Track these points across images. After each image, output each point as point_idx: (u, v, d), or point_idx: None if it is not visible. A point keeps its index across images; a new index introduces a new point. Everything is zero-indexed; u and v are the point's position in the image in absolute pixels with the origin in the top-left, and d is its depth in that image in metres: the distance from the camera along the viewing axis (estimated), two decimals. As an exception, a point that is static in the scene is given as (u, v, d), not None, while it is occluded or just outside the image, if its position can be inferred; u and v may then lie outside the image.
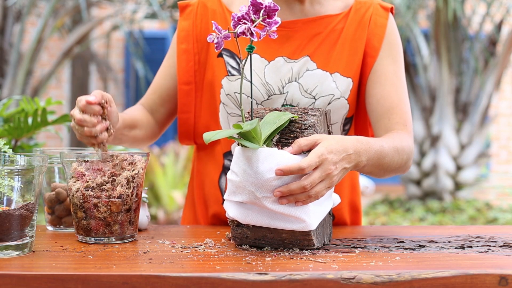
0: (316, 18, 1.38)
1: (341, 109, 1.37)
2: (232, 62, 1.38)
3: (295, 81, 1.35)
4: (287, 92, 1.35)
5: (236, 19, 1.07)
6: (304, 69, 1.35)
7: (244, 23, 1.06)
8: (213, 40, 1.10)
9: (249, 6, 1.07)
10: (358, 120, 1.44)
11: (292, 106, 1.35)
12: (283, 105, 1.36)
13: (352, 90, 1.37)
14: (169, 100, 1.48)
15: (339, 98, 1.35)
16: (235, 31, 1.07)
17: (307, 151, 1.09)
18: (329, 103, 1.35)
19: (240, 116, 1.37)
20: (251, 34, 1.06)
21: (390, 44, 1.39)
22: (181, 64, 1.43)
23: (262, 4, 1.06)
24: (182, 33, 1.44)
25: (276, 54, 1.36)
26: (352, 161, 1.13)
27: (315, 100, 1.35)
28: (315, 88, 1.34)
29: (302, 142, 1.08)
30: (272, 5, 1.06)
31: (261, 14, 1.06)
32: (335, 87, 1.35)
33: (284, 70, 1.35)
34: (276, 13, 1.07)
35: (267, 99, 1.36)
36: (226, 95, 1.37)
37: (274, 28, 1.08)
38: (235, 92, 1.36)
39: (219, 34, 1.09)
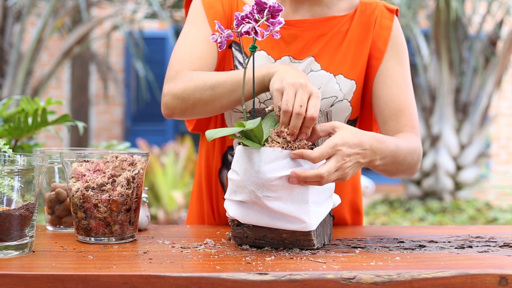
0: (322, 19, 1.37)
1: (343, 111, 1.36)
2: (239, 56, 1.37)
3: None
4: None
5: (239, 18, 1.07)
6: (308, 70, 1.35)
7: (248, 22, 1.06)
8: (216, 40, 1.09)
9: (253, 6, 1.07)
10: (362, 122, 1.44)
11: None
12: None
13: (355, 92, 1.37)
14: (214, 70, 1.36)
15: (341, 100, 1.35)
16: (239, 30, 1.07)
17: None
18: (331, 105, 1.35)
19: (241, 113, 1.37)
20: (255, 33, 1.06)
21: (395, 46, 1.39)
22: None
23: (266, 4, 1.06)
24: (211, 9, 1.36)
25: (283, 53, 1.36)
26: (367, 157, 1.13)
27: None
28: (319, 89, 1.34)
29: (318, 128, 1.10)
30: (276, 5, 1.06)
31: (265, 14, 1.06)
32: (338, 89, 1.34)
33: None
34: (280, 13, 1.07)
35: (271, 98, 1.35)
36: None
37: (277, 28, 1.08)
38: None
39: (222, 34, 1.09)
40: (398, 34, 1.40)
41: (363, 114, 1.43)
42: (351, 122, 1.40)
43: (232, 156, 1.40)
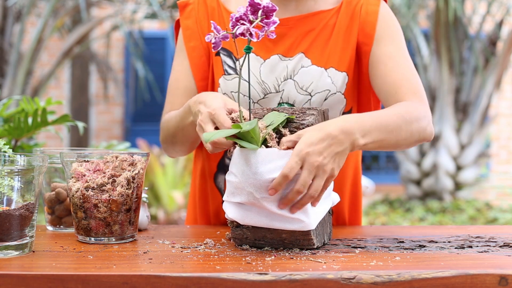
0: (309, 14, 1.38)
1: (338, 104, 1.36)
2: (229, 61, 1.38)
3: (291, 78, 1.35)
4: (283, 90, 1.35)
5: (234, 20, 1.07)
6: (299, 66, 1.35)
7: (243, 24, 1.06)
8: (210, 40, 1.10)
9: (247, 7, 1.07)
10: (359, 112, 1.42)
11: (289, 104, 1.35)
12: (279, 104, 1.36)
13: (348, 84, 1.36)
14: None
15: (335, 93, 1.35)
16: (234, 31, 1.07)
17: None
18: (325, 99, 1.35)
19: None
20: (250, 34, 1.06)
21: (384, 27, 1.37)
22: (194, 61, 1.42)
23: (260, 5, 1.06)
24: (187, 31, 1.44)
25: (271, 52, 1.36)
26: (343, 142, 1.09)
27: (311, 96, 1.35)
28: (311, 84, 1.34)
29: (284, 140, 1.08)
30: (270, 5, 1.06)
31: (259, 15, 1.06)
32: (331, 82, 1.35)
33: (280, 68, 1.35)
34: (274, 13, 1.07)
35: (263, 98, 1.36)
36: (223, 94, 1.38)
37: (272, 28, 1.08)
38: (231, 91, 1.36)
39: (217, 35, 1.09)
40: (386, 16, 1.38)
41: (360, 103, 1.42)
42: (346, 114, 1.39)
43: (229, 159, 1.40)
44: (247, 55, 1.10)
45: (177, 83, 1.43)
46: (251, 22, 1.07)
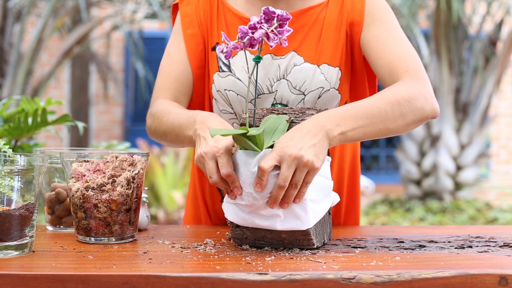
0: (300, 11, 1.37)
1: (332, 101, 1.35)
2: (223, 58, 1.37)
3: (284, 78, 1.34)
4: (276, 90, 1.34)
5: (247, 29, 1.08)
6: (292, 65, 1.34)
7: (260, 28, 1.07)
8: (222, 50, 1.10)
9: (261, 15, 1.07)
10: None
11: (282, 105, 1.35)
12: (273, 104, 1.35)
13: (341, 78, 1.36)
14: (191, 87, 1.42)
15: (328, 90, 1.34)
16: (249, 36, 1.08)
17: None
18: (319, 97, 1.34)
19: (231, 113, 1.38)
20: (268, 38, 1.07)
21: (373, 12, 1.35)
22: (191, 49, 1.41)
23: (275, 13, 1.06)
24: (186, 18, 1.43)
25: (264, 50, 1.35)
26: (316, 134, 1.09)
27: (305, 95, 1.34)
28: (304, 83, 1.33)
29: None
30: (284, 14, 1.06)
31: (274, 22, 1.07)
32: (324, 79, 1.34)
33: (272, 68, 1.34)
34: (288, 22, 1.07)
35: (256, 98, 1.35)
36: (217, 91, 1.37)
37: (285, 36, 1.08)
38: (225, 89, 1.36)
39: (227, 44, 1.09)
40: (373, 1, 1.35)
41: (356, 96, 1.40)
42: None
43: None
44: (256, 64, 1.10)
45: (170, 68, 1.42)
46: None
